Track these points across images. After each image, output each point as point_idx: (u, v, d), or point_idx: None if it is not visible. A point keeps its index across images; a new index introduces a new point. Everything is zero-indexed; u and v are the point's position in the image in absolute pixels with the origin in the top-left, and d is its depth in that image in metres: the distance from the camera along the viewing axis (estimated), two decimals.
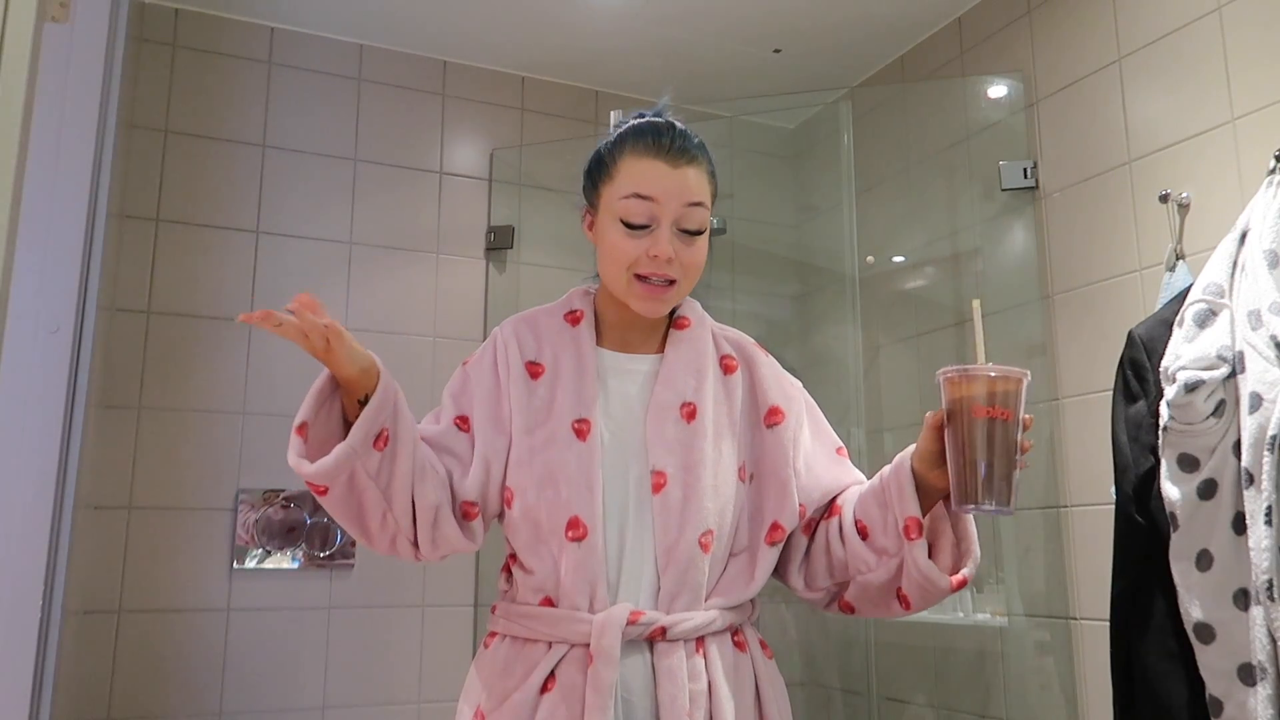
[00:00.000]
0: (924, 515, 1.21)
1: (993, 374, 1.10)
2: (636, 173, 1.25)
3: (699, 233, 1.26)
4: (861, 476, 1.36)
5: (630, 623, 1.17)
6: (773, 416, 1.33)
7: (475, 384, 1.30)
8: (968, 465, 1.10)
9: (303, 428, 1.15)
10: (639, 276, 1.25)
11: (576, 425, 1.24)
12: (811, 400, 1.41)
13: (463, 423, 1.29)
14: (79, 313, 1.67)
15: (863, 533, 1.27)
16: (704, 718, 1.18)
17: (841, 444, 1.40)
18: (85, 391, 1.69)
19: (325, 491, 1.15)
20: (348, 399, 1.17)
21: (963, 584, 1.21)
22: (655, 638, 1.19)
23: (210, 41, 2.79)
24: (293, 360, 2.72)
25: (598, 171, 1.30)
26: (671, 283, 1.26)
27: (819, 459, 1.35)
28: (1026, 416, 1.12)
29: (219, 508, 2.60)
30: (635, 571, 1.22)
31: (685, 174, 1.25)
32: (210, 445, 2.61)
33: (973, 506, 1.10)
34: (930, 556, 1.22)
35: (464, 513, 1.24)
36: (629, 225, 1.24)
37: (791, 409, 1.35)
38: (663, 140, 1.26)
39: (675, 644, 1.19)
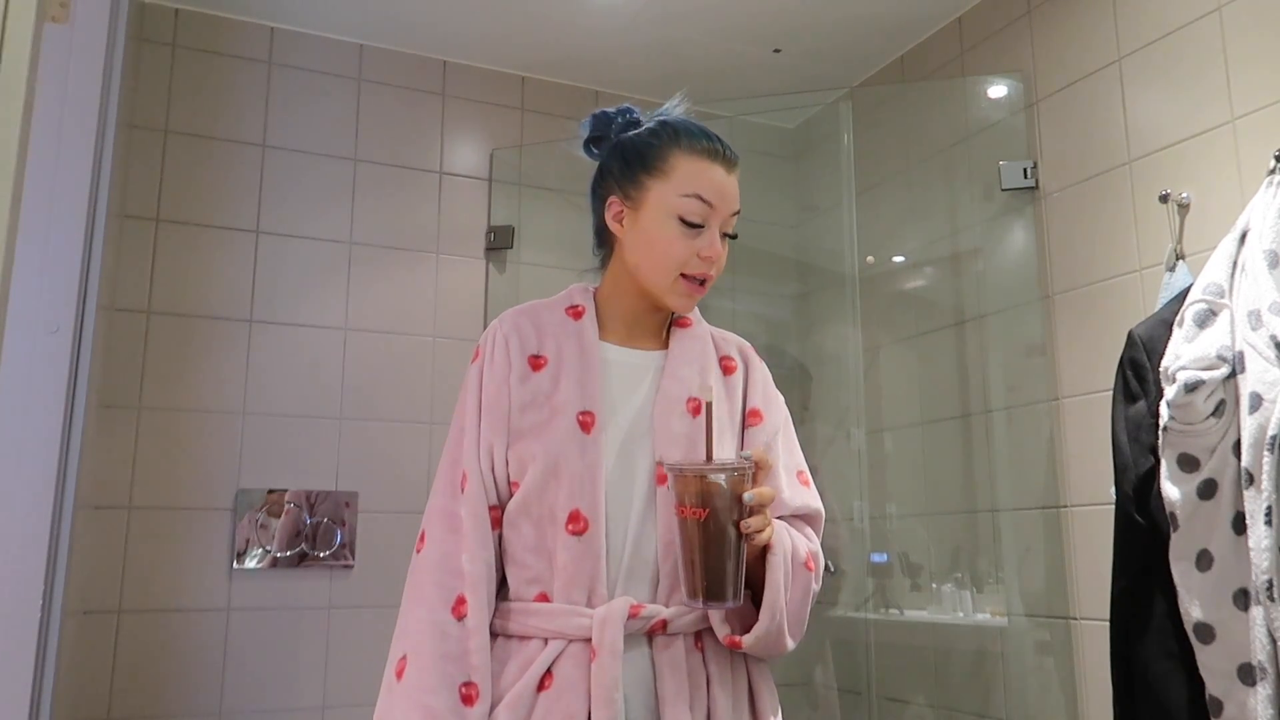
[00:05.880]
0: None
1: (692, 473, 1.11)
2: (696, 173, 1.26)
3: (733, 237, 1.32)
4: (810, 502, 1.33)
5: (631, 616, 1.17)
6: (751, 418, 1.33)
7: (480, 388, 1.28)
8: (682, 562, 1.13)
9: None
10: (684, 275, 1.27)
11: (581, 418, 1.23)
12: (789, 420, 1.41)
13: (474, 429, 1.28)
14: (79, 313, 1.67)
15: None
16: (703, 712, 1.19)
17: (805, 469, 1.37)
18: (85, 391, 1.68)
19: None
20: None
21: (734, 645, 1.21)
22: (655, 631, 1.19)
23: (210, 41, 2.79)
24: (293, 360, 2.73)
25: (642, 164, 1.29)
26: (707, 281, 1.30)
27: (781, 476, 1.33)
28: (755, 494, 1.11)
29: (219, 508, 2.60)
30: (639, 565, 1.21)
31: (735, 182, 1.30)
32: (210, 445, 2.61)
33: (692, 601, 1.13)
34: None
35: (491, 521, 1.24)
36: (687, 224, 1.26)
37: (769, 417, 1.35)
38: (715, 145, 1.29)
39: (675, 638, 1.20)
